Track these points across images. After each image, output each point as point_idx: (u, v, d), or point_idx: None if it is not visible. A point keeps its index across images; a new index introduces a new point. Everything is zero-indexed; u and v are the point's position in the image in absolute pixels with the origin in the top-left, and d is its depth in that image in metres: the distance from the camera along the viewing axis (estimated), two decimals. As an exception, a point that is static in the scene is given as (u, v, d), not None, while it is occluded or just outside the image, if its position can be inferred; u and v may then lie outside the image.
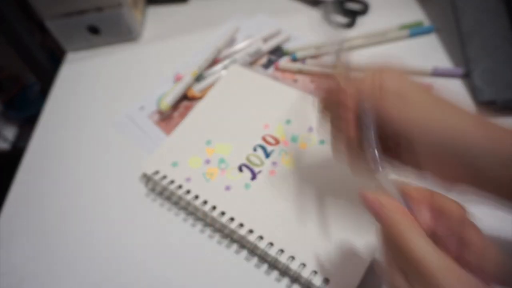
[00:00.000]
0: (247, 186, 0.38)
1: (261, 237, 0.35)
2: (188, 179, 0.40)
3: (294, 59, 0.53)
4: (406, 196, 0.23)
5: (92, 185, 0.44)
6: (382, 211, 0.22)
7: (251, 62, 0.53)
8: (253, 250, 0.36)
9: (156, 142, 0.46)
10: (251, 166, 0.40)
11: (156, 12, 0.65)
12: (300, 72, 0.51)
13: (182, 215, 0.39)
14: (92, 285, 0.36)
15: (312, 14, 0.60)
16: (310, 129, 0.42)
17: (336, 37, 0.26)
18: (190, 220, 0.39)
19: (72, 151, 0.47)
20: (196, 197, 0.38)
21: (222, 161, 0.41)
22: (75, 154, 0.47)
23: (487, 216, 0.24)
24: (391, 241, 0.22)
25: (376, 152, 0.24)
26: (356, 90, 0.26)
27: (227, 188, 0.39)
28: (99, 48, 0.60)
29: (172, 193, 0.39)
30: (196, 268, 0.36)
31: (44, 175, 0.46)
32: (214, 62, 0.53)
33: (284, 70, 0.52)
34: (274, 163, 0.40)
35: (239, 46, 0.54)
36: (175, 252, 0.37)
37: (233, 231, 0.36)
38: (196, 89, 0.50)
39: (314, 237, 0.34)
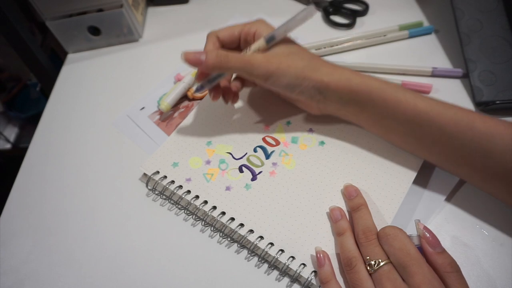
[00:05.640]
0: (247, 186, 0.39)
1: (261, 237, 0.35)
2: (188, 180, 0.40)
3: (294, 60, 0.53)
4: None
5: (93, 185, 0.44)
6: (338, 220, 0.34)
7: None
8: (253, 250, 0.36)
9: (156, 143, 0.46)
10: (251, 166, 0.40)
11: (156, 13, 0.65)
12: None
13: (183, 215, 0.40)
14: (93, 285, 0.36)
15: (312, 15, 0.60)
16: (310, 130, 0.42)
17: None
18: (191, 220, 0.39)
19: (73, 152, 0.48)
20: (197, 197, 0.38)
21: (222, 161, 0.41)
22: (75, 154, 0.47)
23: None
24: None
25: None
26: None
27: (228, 188, 0.39)
28: (100, 48, 0.60)
29: (173, 193, 0.39)
30: (196, 268, 0.36)
31: (45, 175, 0.46)
32: (214, 62, 0.53)
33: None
34: (274, 164, 0.40)
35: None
36: (175, 252, 0.37)
37: (233, 231, 0.36)
38: (197, 90, 0.50)
39: (314, 237, 0.35)
